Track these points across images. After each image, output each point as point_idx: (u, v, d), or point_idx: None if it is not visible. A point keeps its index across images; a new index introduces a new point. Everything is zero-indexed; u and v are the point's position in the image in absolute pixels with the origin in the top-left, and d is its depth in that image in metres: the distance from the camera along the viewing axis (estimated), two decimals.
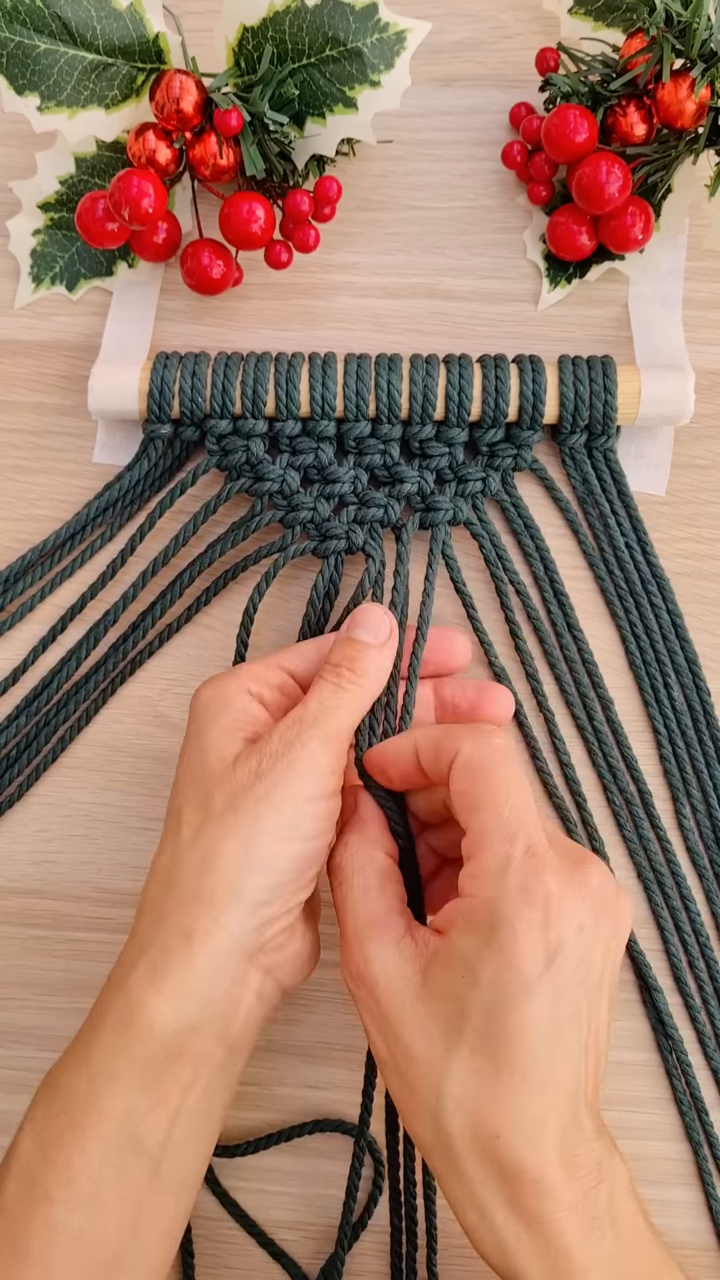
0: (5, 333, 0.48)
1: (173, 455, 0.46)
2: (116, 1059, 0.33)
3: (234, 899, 0.33)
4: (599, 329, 0.47)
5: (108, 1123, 0.32)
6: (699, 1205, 0.42)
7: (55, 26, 0.41)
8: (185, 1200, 0.35)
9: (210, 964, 0.33)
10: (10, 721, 0.45)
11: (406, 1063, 0.32)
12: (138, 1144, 0.32)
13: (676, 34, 0.40)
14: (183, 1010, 0.33)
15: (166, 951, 0.33)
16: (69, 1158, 0.32)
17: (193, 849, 0.34)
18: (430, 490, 0.45)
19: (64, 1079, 0.33)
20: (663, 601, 0.45)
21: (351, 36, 0.41)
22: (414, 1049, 0.31)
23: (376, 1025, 0.33)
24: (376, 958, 0.33)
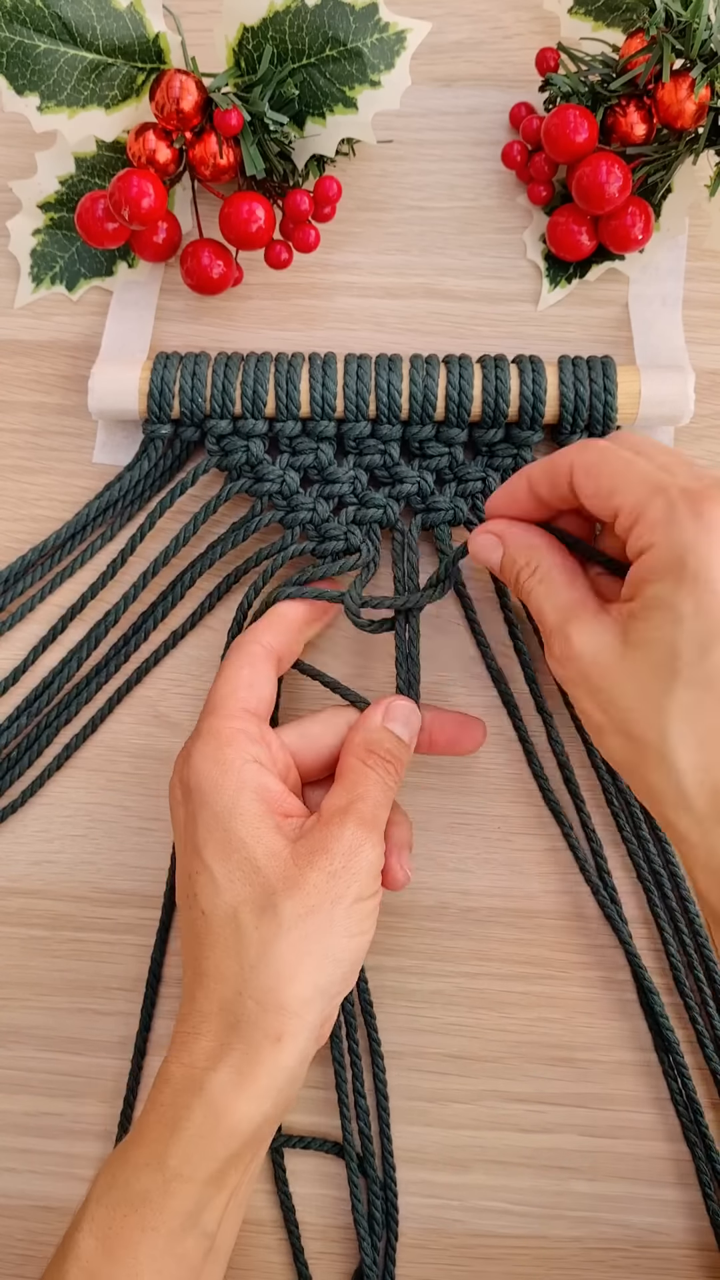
0: (5, 333, 0.48)
1: (173, 455, 0.46)
2: (197, 1162, 0.33)
3: (318, 996, 0.34)
4: (599, 329, 0.47)
5: (180, 1219, 0.33)
6: (697, 1205, 0.42)
7: (55, 26, 0.41)
8: (225, 1262, 0.35)
9: (298, 1062, 0.34)
10: (11, 722, 0.45)
11: (624, 717, 0.33)
12: (200, 1229, 0.33)
13: (676, 34, 0.40)
14: (265, 1107, 0.34)
15: (253, 1056, 0.33)
16: (135, 1256, 0.32)
17: (270, 957, 0.34)
18: (430, 490, 0.45)
19: (133, 1179, 0.33)
20: None
21: (351, 36, 0.41)
22: (629, 700, 0.32)
23: (590, 695, 0.34)
24: (578, 634, 0.34)
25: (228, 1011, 0.34)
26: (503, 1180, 0.43)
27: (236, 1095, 0.33)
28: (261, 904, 0.35)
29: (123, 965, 0.45)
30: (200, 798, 0.36)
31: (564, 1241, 0.43)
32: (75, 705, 0.45)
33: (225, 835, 0.36)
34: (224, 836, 0.36)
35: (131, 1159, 0.34)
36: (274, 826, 0.36)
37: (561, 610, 0.35)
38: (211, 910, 0.35)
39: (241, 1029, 0.34)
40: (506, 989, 0.44)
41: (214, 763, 0.36)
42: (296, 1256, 0.42)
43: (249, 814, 0.36)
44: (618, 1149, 0.43)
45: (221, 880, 0.35)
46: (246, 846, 0.35)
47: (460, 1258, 0.43)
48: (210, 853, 0.36)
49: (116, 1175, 0.34)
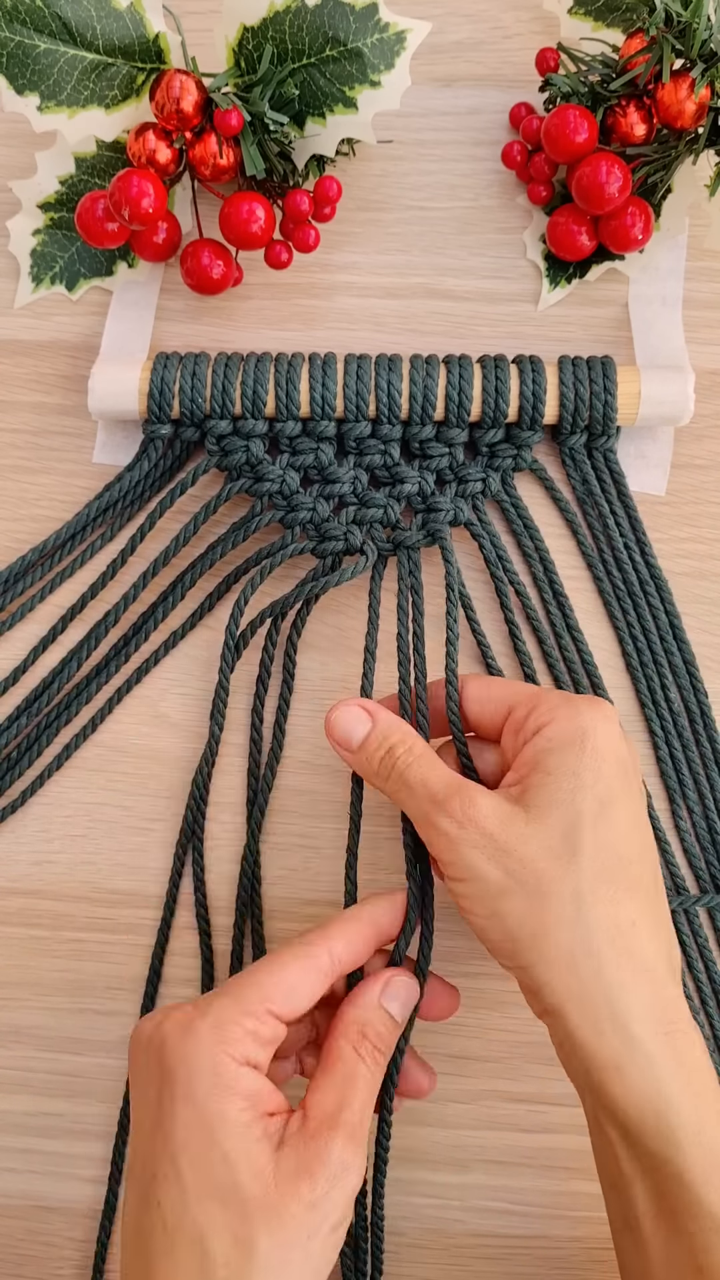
0: (5, 333, 0.48)
1: (173, 455, 0.46)
2: None
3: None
4: (599, 329, 0.47)
5: None
6: None
7: (55, 26, 0.41)
8: None
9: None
10: (11, 722, 0.45)
11: (535, 878, 0.34)
12: None
13: (676, 34, 0.40)
14: None
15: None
16: None
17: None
18: (430, 491, 0.45)
19: None
20: (660, 602, 0.45)
21: (351, 36, 0.41)
22: (540, 861, 0.34)
23: (493, 858, 0.34)
24: (478, 798, 0.35)
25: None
26: (503, 1180, 0.43)
27: None
28: (235, 1234, 0.30)
29: (123, 965, 0.45)
30: (185, 1092, 0.32)
31: (564, 1241, 0.43)
32: (75, 705, 0.45)
33: (206, 1145, 0.31)
34: (204, 1146, 0.31)
35: None
36: (260, 1136, 0.32)
37: (448, 781, 0.36)
38: (176, 1227, 0.31)
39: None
40: (506, 989, 0.44)
41: (208, 1059, 0.32)
42: None
43: (237, 1124, 0.31)
44: None
45: (192, 1195, 0.31)
46: (229, 1163, 0.31)
47: (460, 1258, 0.43)
48: (185, 1160, 0.31)
49: None
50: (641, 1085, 0.32)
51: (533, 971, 0.34)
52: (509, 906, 0.34)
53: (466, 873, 0.34)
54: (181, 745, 0.45)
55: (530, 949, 0.33)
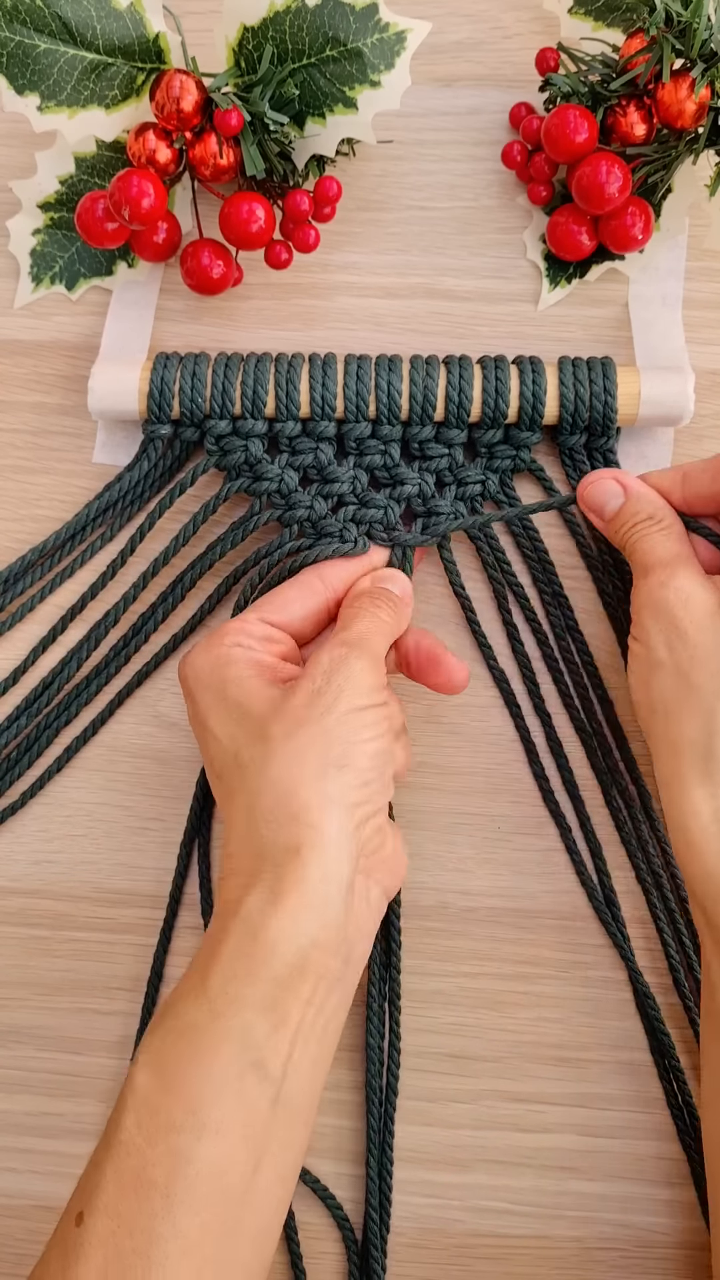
0: (5, 333, 0.48)
1: (173, 455, 0.46)
2: (238, 981, 0.33)
3: (329, 805, 0.34)
4: (599, 329, 0.47)
5: (231, 1046, 0.32)
6: (696, 1205, 0.42)
7: (55, 26, 0.41)
8: (304, 1132, 0.34)
9: (323, 873, 0.34)
10: (11, 722, 0.45)
11: (691, 664, 0.36)
12: (261, 1068, 0.32)
13: (676, 34, 0.40)
14: (302, 925, 0.33)
15: (279, 872, 0.33)
16: (191, 1084, 0.31)
17: (269, 775, 0.35)
18: (430, 492, 0.45)
19: (181, 1007, 0.33)
20: None
21: (351, 36, 0.41)
22: (703, 651, 0.35)
23: (665, 631, 0.36)
24: (686, 575, 0.37)
25: (249, 843, 0.35)
26: (503, 1180, 0.43)
27: (271, 911, 0.33)
28: (253, 735, 0.36)
29: (123, 965, 0.45)
30: (196, 682, 0.38)
31: (564, 1241, 0.43)
32: (75, 706, 0.45)
33: (220, 699, 0.37)
34: (218, 700, 0.37)
35: (181, 989, 0.34)
36: (266, 682, 0.37)
37: (672, 553, 0.38)
38: (220, 764, 0.37)
39: (265, 853, 0.34)
40: (506, 989, 0.44)
41: (205, 653, 0.38)
42: (293, 1254, 0.42)
43: (238, 677, 0.37)
44: (617, 1149, 0.43)
45: (221, 734, 0.37)
46: (237, 700, 0.37)
47: (460, 1258, 0.43)
48: (211, 718, 0.37)
49: (168, 1006, 0.34)
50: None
51: (655, 742, 0.37)
52: (659, 680, 0.36)
53: (640, 634, 0.37)
54: (181, 745, 0.45)
55: (660, 722, 0.36)
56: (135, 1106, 0.32)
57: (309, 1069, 0.34)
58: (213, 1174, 0.31)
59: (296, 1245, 0.43)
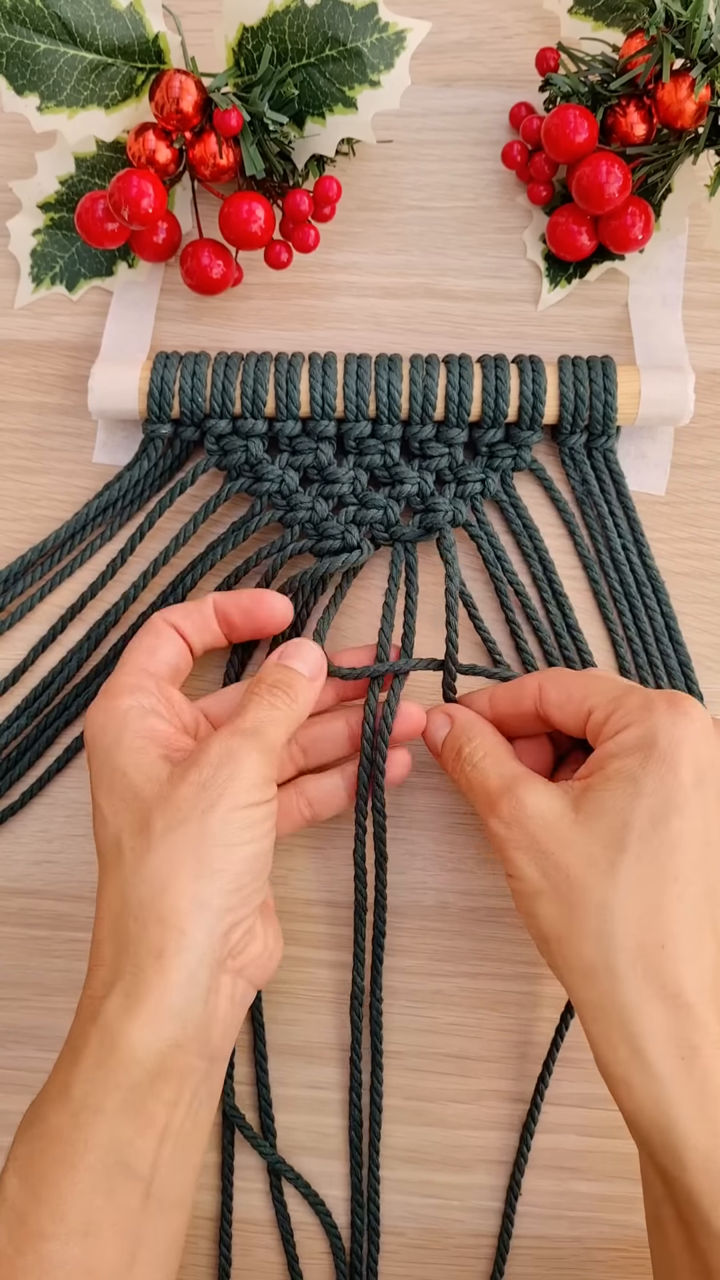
0: (5, 333, 0.48)
1: (172, 455, 0.46)
2: (99, 1091, 0.32)
3: (198, 910, 0.34)
4: (599, 329, 0.47)
5: (95, 1153, 0.32)
6: None
7: (55, 26, 0.41)
8: (179, 1218, 0.34)
9: (185, 978, 0.33)
10: (11, 722, 0.45)
11: (568, 885, 0.34)
12: (127, 1169, 0.32)
13: (676, 34, 0.40)
14: (162, 1031, 0.33)
15: (139, 975, 0.33)
16: (59, 1192, 0.31)
17: (144, 872, 0.34)
18: (430, 491, 0.45)
19: (46, 1115, 0.33)
20: (657, 604, 0.45)
21: (351, 36, 0.41)
22: (575, 869, 0.34)
23: (533, 860, 0.35)
24: (529, 795, 0.35)
25: (115, 936, 0.34)
26: (503, 1180, 0.43)
27: (128, 1020, 0.32)
28: (138, 825, 0.35)
29: None
30: (91, 742, 0.37)
31: (564, 1241, 0.43)
32: (75, 706, 0.45)
33: (110, 770, 0.36)
34: (109, 772, 0.36)
35: (44, 1094, 0.34)
36: (158, 756, 0.36)
37: (507, 776, 0.37)
38: (102, 842, 0.36)
39: (128, 951, 0.33)
40: (506, 989, 0.44)
41: (102, 710, 0.37)
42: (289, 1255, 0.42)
43: (130, 747, 0.36)
44: (618, 1149, 0.43)
45: (107, 812, 0.36)
46: (127, 776, 0.36)
47: (460, 1258, 0.43)
48: (100, 790, 0.36)
49: (35, 1111, 0.33)
50: (648, 1105, 0.32)
51: (558, 973, 0.34)
52: (543, 909, 0.34)
53: (512, 870, 0.35)
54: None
55: (556, 953, 0.34)
56: (4, 1215, 0.32)
57: (180, 1161, 0.34)
58: (84, 1274, 0.31)
59: (293, 1246, 0.43)
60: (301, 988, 0.44)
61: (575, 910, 0.33)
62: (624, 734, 0.34)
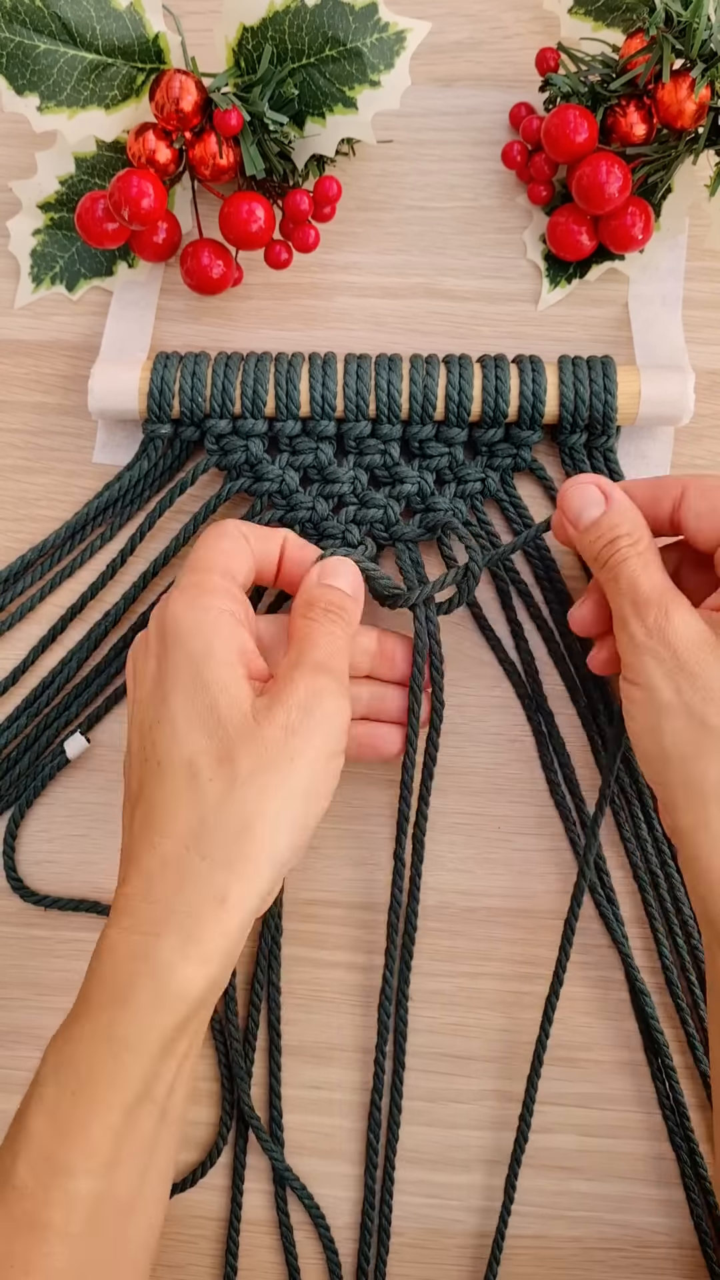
0: (5, 333, 0.48)
1: (173, 455, 0.46)
2: (145, 1032, 0.32)
3: (269, 862, 0.33)
4: (599, 329, 0.47)
5: (129, 1091, 0.32)
6: (680, 1204, 0.42)
7: (55, 26, 0.41)
8: (179, 1130, 0.35)
9: (240, 925, 0.33)
10: (11, 722, 0.45)
11: (705, 705, 0.34)
12: (151, 1098, 0.32)
13: (676, 34, 0.40)
14: (211, 972, 0.33)
15: (198, 918, 0.32)
16: (89, 1131, 0.31)
17: (224, 808, 0.33)
18: (430, 491, 0.45)
19: (82, 1054, 0.32)
20: None
21: (351, 36, 0.41)
22: (716, 691, 0.34)
23: (671, 674, 0.35)
24: (676, 614, 0.35)
25: (173, 869, 0.33)
26: (503, 1180, 0.43)
27: (184, 961, 0.32)
28: (220, 754, 0.34)
29: None
30: (176, 639, 0.35)
31: (564, 1241, 0.43)
32: (75, 706, 0.45)
33: (194, 678, 0.35)
34: (193, 679, 0.35)
35: (78, 1034, 0.33)
36: (240, 677, 0.35)
37: (660, 589, 0.36)
38: (167, 759, 0.34)
39: (186, 889, 0.32)
40: (506, 989, 0.44)
41: (195, 609, 0.36)
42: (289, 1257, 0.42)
43: (221, 659, 0.35)
44: (618, 1149, 0.43)
45: (182, 727, 0.34)
46: (212, 692, 0.34)
47: (460, 1258, 0.43)
48: (176, 698, 0.35)
49: (64, 1052, 0.33)
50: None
51: (672, 791, 0.35)
52: (670, 724, 0.34)
53: (642, 679, 0.35)
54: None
55: (677, 770, 0.34)
56: (29, 1154, 0.32)
57: (187, 1082, 0.34)
58: (106, 1202, 0.31)
59: (294, 1251, 0.43)
60: (302, 987, 0.44)
61: (707, 731, 0.34)
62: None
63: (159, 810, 0.34)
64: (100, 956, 0.33)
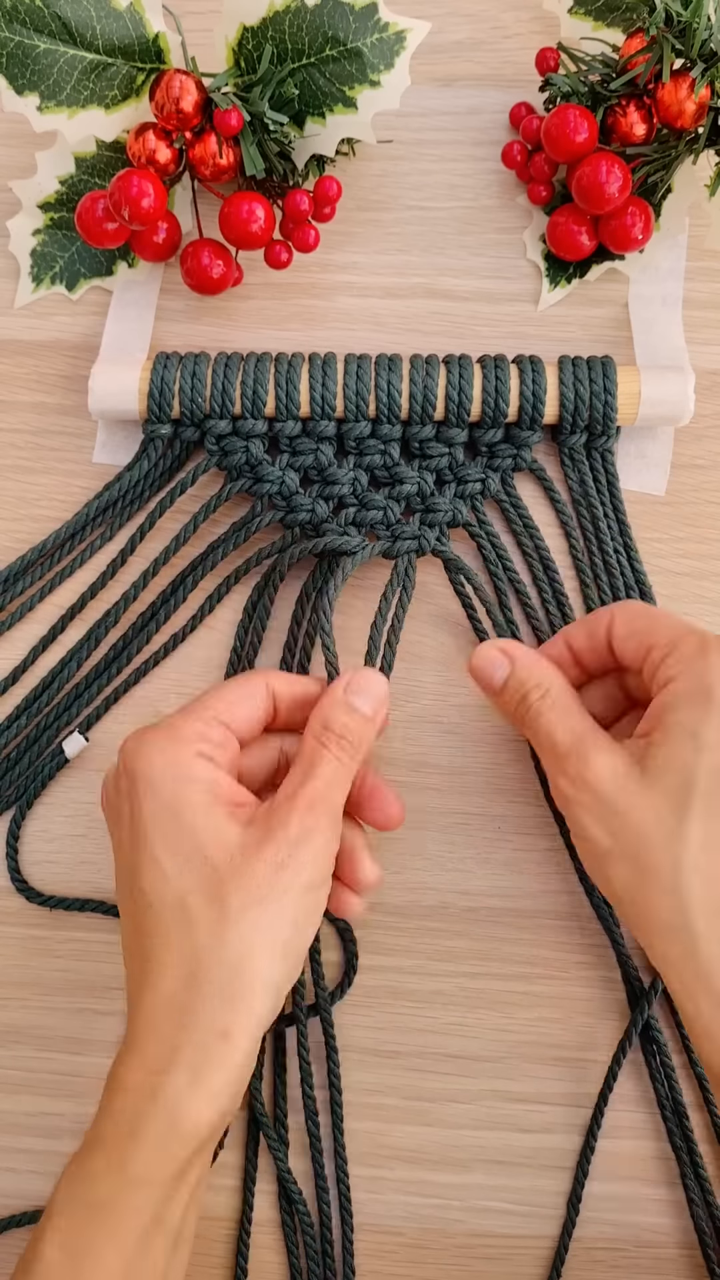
0: (5, 333, 0.48)
1: (173, 455, 0.46)
2: (158, 1166, 0.32)
3: (268, 992, 0.34)
4: (599, 329, 0.47)
5: (142, 1219, 0.32)
6: (680, 1204, 0.42)
7: (55, 26, 0.41)
8: (191, 1247, 0.35)
9: (247, 1056, 0.33)
10: (11, 722, 0.45)
11: (639, 844, 0.33)
12: (163, 1226, 0.33)
13: (676, 34, 0.40)
14: (221, 1104, 0.33)
15: (205, 1054, 0.33)
16: (102, 1259, 0.31)
17: (219, 946, 0.33)
18: (430, 491, 0.45)
19: (95, 1188, 0.32)
20: None
21: (351, 36, 0.41)
22: (645, 828, 0.33)
23: (600, 821, 0.34)
24: (596, 757, 0.35)
25: (175, 1008, 0.33)
26: (503, 1180, 0.43)
27: (193, 1098, 0.32)
28: (210, 893, 0.34)
29: (122, 965, 0.45)
30: (148, 787, 0.35)
31: None
32: (75, 706, 0.45)
33: (174, 823, 0.35)
34: (172, 826, 0.35)
35: (90, 1169, 0.33)
36: (224, 815, 0.35)
37: (576, 734, 0.36)
38: (158, 900, 0.34)
39: (190, 1028, 0.33)
40: (506, 989, 0.44)
41: (164, 756, 0.35)
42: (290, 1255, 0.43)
43: (197, 804, 0.35)
44: (618, 1149, 0.43)
45: (169, 869, 0.34)
46: (195, 835, 0.34)
47: (460, 1258, 0.43)
48: (158, 844, 0.35)
49: (76, 1187, 0.33)
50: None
51: (635, 932, 0.35)
52: (614, 871, 0.34)
53: (580, 831, 0.35)
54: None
55: (633, 914, 0.34)
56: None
57: (196, 1205, 0.35)
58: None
59: (295, 1246, 0.43)
60: None
61: (647, 871, 0.33)
62: (677, 683, 0.34)
63: (155, 949, 0.34)
64: (111, 1093, 0.34)
